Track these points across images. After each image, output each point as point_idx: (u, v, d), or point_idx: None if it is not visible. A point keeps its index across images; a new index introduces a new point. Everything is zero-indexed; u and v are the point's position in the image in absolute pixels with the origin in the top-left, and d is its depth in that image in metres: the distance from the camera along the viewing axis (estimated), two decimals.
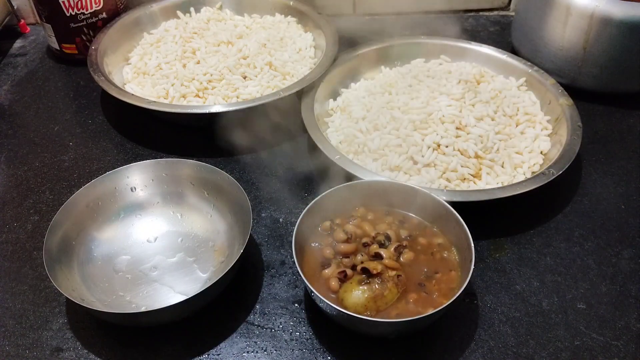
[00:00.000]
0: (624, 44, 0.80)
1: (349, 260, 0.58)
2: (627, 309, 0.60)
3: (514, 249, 0.66)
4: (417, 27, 1.09)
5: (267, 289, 0.63)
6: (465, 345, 0.57)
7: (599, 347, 0.56)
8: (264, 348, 0.57)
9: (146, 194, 0.69)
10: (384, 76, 0.88)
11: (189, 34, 0.94)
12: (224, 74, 0.85)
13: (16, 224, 0.72)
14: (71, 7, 0.95)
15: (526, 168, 0.72)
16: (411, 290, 0.56)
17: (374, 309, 0.54)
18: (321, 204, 0.61)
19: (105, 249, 0.65)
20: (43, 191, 0.76)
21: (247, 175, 0.77)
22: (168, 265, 0.64)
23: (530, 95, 0.83)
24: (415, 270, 0.58)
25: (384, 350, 0.56)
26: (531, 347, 0.56)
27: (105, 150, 0.83)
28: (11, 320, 0.61)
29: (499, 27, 1.09)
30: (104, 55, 0.89)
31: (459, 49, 0.90)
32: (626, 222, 0.69)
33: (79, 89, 0.96)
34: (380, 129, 0.75)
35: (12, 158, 0.82)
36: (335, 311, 0.52)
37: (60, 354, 0.57)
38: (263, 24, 0.99)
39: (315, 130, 0.74)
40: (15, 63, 1.04)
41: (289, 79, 0.87)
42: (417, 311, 0.54)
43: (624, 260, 0.65)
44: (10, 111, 0.92)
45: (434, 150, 0.72)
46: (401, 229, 0.62)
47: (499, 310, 0.60)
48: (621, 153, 0.79)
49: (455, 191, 0.67)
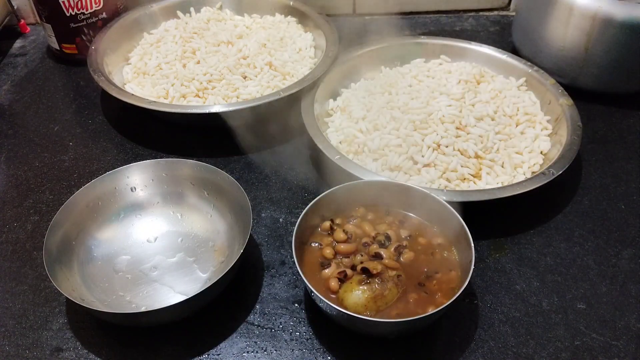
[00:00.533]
0: (625, 45, 0.80)
1: (349, 260, 0.58)
2: (627, 309, 0.60)
3: (514, 249, 0.66)
4: (417, 27, 1.09)
5: (267, 289, 0.63)
6: (465, 345, 0.57)
7: (599, 347, 0.56)
8: (264, 348, 0.57)
9: (146, 194, 0.69)
10: (384, 76, 0.88)
11: (189, 34, 0.94)
12: (224, 74, 0.85)
13: (16, 224, 0.72)
14: (71, 7, 0.95)
15: (526, 168, 0.72)
16: (411, 290, 0.56)
17: (374, 309, 0.54)
18: (321, 204, 0.61)
19: (105, 249, 0.65)
20: (43, 191, 0.76)
21: (247, 175, 0.77)
22: (168, 265, 0.64)
23: (530, 95, 0.83)
24: (415, 270, 0.58)
25: (384, 350, 0.56)
26: (531, 347, 0.56)
27: (105, 150, 0.83)
28: (11, 320, 0.61)
29: (499, 27, 1.09)
30: (104, 55, 0.89)
31: (459, 49, 0.90)
32: (626, 222, 0.69)
33: (79, 89, 0.96)
34: (380, 129, 0.75)
35: (12, 158, 0.82)
36: (335, 311, 0.52)
37: (60, 354, 0.57)
38: (263, 24, 0.99)
39: (315, 130, 0.74)
40: (15, 63, 1.04)
41: (289, 79, 0.87)
42: (417, 311, 0.54)
43: (624, 260, 0.65)
44: (10, 111, 0.92)
45: (434, 150, 0.72)
46: (401, 229, 0.62)
47: (499, 310, 0.60)
48: (621, 153, 0.79)
49: (455, 191, 0.67)
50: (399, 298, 0.55)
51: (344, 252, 0.59)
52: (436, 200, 0.61)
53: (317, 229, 0.62)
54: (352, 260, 0.58)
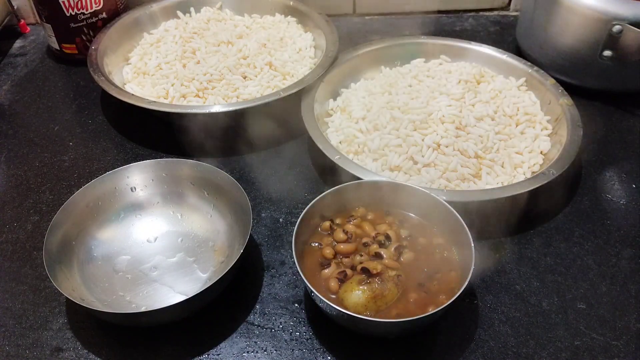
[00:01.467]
0: (627, 45, 0.80)
1: (349, 260, 0.58)
2: (627, 309, 0.60)
3: (514, 249, 0.66)
4: (417, 27, 1.09)
5: (267, 289, 0.63)
6: (465, 345, 0.57)
7: (599, 347, 0.56)
8: (264, 348, 0.57)
9: (146, 194, 0.69)
10: (384, 76, 0.88)
11: (189, 34, 0.94)
12: (224, 74, 0.85)
13: (16, 224, 0.72)
14: (71, 7, 0.95)
15: (526, 168, 0.72)
16: (411, 290, 0.56)
17: (374, 308, 0.54)
18: (321, 204, 0.61)
19: (105, 249, 0.65)
20: (43, 191, 0.76)
21: (247, 175, 0.77)
22: (168, 265, 0.64)
23: (530, 95, 0.83)
24: (415, 270, 0.58)
25: (384, 350, 0.56)
26: (531, 347, 0.56)
27: (105, 150, 0.83)
28: (11, 320, 0.61)
29: (499, 27, 1.09)
30: (104, 55, 0.89)
31: (459, 49, 0.90)
32: (626, 222, 0.69)
33: (79, 89, 0.96)
34: (380, 129, 0.75)
35: (12, 158, 0.82)
36: (335, 311, 0.52)
37: (60, 354, 0.57)
38: (263, 24, 0.99)
39: (315, 130, 0.74)
40: (15, 63, 1.04)
41: (289, 79, 0.87)
42: (417, 311, 0.54)
43: (624, 260, 0.65)
44: (10, 111, 0.92)
45: (434, 150, 0.72)
46: (401, 229, 0.62)
47: (499, 310, 0.60)
48: (621, 153, 0.79)
49: (455, 191, 0.67)
50: (399, 298, 0.55)
51: (344, 252, 0.59)
52: (436, 200, 0.61)
53: (317, 229, 0.62)
54: (352, 260, 0.58)
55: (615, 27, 0.77)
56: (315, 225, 0.62)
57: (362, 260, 0.57)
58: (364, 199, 0.64)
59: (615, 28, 0.77)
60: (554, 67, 0.87)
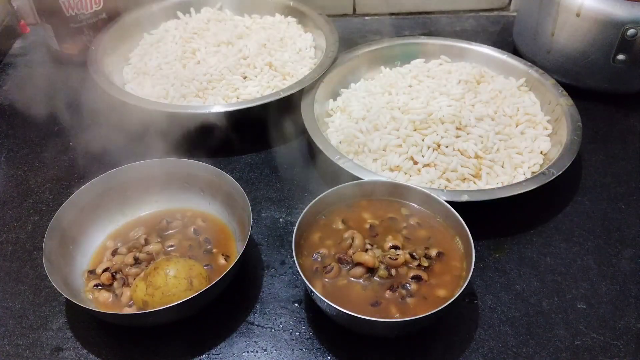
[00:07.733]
0: (627, 45, 0.80)
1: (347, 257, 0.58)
2: (627, 309, 0.60)
3: (514, 249, 0.66)
4: (417, 28, 1.09)
5: (267, 289, 0.63)
6: (465, 345, 0.57)
7: (599, 347, 0.56)
8: (264, 348, 0.57)
9: (146, 194, 0.69)
10: (384, 76, 0.88)
11: (189, 34, 0.94)
12: (224, 74, 0.85)
13: (16, 224, 0.72)
14: (71, 7, 0.94)
15: (526, 168, 0.72)
16: (411, 290, 0.56)
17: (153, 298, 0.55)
18: (321, 204, 0.61)
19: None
20: (43, 191, 0.76)
21: (247, 175, 0.77)
22: None
23: (530, 95, 0.83)
24: (415, 270, 0.57)
25: (384, 350, 0.56)
26: (531, 347, 0.56)
27: (105, 150, 0.82)
28: (11, 320, 0.61)
29: (499, 27, 1.09)
30: (104, 55, 0.89)
31: (459, 49, 0.90)
32: (626, 222, 0.69)
33: (79, 90, 0.96)
34: (380, 129, 0.75)
35: (12, 158, 0.82)
36: (335, 311, 0.52)
37: (60, 354, 0.57)
38: (263, 25, 0.99)
39: (315, 131, 0.74)
40: (15, 63, 1.04)
41: (289, 79, 0.87)
42: (417, 311, 0.54)
43: (624, 260, 0.65)
44: (10, 111, 0.92)
45: (434, 150, 0.72)
46: (402, 230, 0.62)
47: (499, 310, 0.60)
48: (621, 153, 0.79)
49: (455, 191, 0.67)
50: (401, 297, 0.55)
51: (344, 252, 0.59)
52: (436, 200, 0.61)
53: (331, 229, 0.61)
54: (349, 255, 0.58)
55: (629, 31, 0.77)
56: (315, 225, 0.61)
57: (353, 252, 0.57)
58: (364, 198, 0.64)
59: (629, 32, 0.77)
60: (549, 67, 0.86)
